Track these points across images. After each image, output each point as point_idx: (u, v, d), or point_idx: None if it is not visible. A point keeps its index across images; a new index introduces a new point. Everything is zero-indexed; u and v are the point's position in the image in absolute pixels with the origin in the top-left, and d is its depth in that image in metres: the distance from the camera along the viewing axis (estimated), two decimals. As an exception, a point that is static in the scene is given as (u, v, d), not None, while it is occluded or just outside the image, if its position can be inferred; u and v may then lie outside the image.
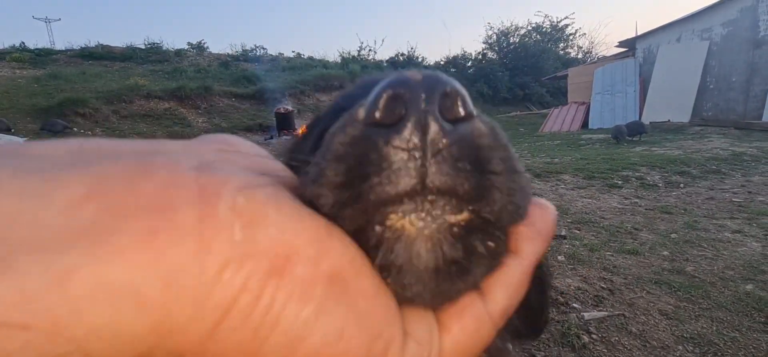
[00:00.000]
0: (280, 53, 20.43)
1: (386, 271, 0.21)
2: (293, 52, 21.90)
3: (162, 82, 13.75)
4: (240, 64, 17.97)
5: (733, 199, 4.44)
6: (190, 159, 0.18)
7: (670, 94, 12.42)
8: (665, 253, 2.92)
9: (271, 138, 11.71)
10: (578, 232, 3.46)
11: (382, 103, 0.21)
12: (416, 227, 0.21)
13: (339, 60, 20.32)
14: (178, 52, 17.73)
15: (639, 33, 14.04)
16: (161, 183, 0.16)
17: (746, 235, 3.23)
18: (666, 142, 8.75)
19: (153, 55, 16.81)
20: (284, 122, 12.46)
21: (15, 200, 0.14)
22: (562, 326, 1.99)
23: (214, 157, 0.20)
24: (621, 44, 15.19)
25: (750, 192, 4.77)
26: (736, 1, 11.77)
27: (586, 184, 5.36)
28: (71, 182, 0.15)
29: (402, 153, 0.20)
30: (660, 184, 5.29)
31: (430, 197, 0.21)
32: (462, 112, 0.21)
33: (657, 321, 2.04)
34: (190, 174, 0.17)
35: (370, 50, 21.63)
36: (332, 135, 0.22)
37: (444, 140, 0.20)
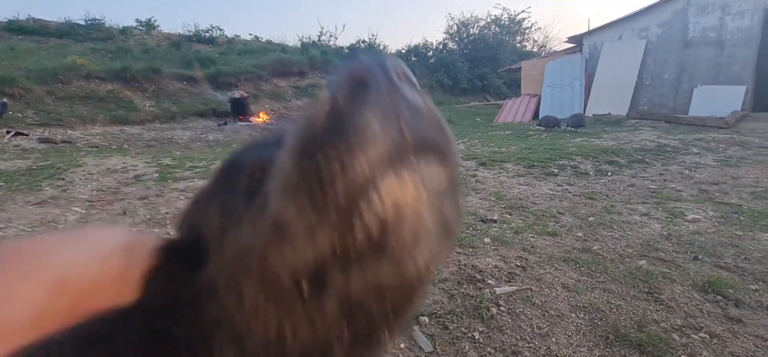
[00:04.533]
0: (236, 35, 19.68)
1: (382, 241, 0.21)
2: (250, 34, 21.17)
3: (104, 61, 12.87)
4: (193, 45, 17.13)
5: (650, 186, 4.91)
6: None
7: (611, 89, 13.30)
8: (579, 234, 3.22)
9: (225, 124, 11.36)
10: (509, 216, 3.72)
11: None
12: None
13: (299, 45, 19.90)
14: (124, 30, 16.61)
15: (586, 30, 14.84)
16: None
17: (651, 218, 3.63)
18: (604, 134, 9.39)
19: (94, 32, 15.64)
20: (239, 108, 12.11)
21: None
22: (475, 300, 2.18)
23: None
24: (570, 40, 15.97)
25: (665, 179, 5.28)
26: (670, 4, 12.73)
27: (525, 172, 5.69)
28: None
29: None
30: (591, 173, 5.72)
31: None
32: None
33: (558, 293, 2.28)
34: None
35: (330, 36, 21.36)
36: None
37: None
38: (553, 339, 1.90)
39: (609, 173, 5.70)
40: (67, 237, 0.28)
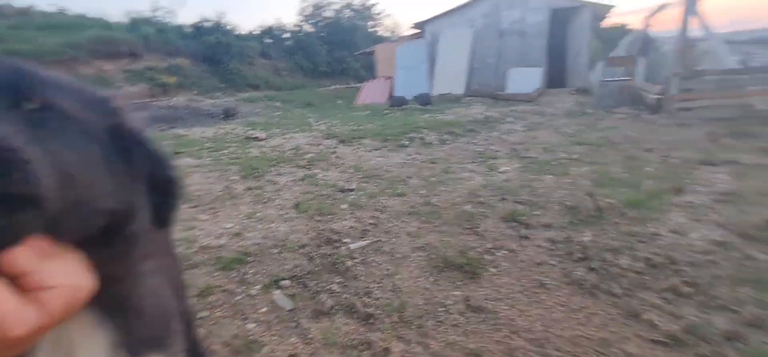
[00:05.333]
0: (30, 6, 15.50)
1: None
2: (53, 6, 16.96)
3: None
4: (-39, 15, 12.86)
5: (477, 150, 5.94)
6: None
7: (450, 71, 15.26)
8: (423, 192, 3.74)
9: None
10: (365, 184, 4.05)
11: None
12: None
13: (125, 21, 16.86)
14: None
15: (427, 17, 16.56)
16: None
17: (475, 173, 4.44)
18: (446, 110, 10.79)
19: None
20: (47, 96, 9.71)
21: None
22: (332, 257, 2.38)
23: None
24: (415, 26, 17.57)
25: (489, 144, 6.44)
26: (489, -3, 15.20)
27: (381, 145, 6.19)
28: None
29: None
30: (435, 142, 6.57)
31: None
32: None
33: (403, 240, 2.66)
34: None
35: (166, 12, 18.72)
36: None
37: None
38: (398, 276, 2.23)
39: (448, 141, 6.64)
40: None
